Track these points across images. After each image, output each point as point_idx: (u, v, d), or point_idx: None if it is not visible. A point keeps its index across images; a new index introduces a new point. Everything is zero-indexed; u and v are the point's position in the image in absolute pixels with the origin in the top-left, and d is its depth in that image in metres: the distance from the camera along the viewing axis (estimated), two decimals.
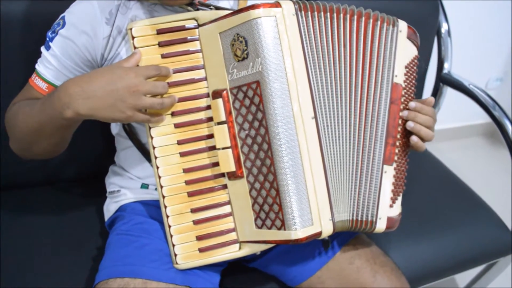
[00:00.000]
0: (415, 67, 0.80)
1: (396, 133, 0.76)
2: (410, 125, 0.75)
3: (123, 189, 0.87)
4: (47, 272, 0.85)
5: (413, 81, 0.80)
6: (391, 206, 0.76)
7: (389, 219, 0.76)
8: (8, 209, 0.98)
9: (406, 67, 0.78)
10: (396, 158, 0.76)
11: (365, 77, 0.73)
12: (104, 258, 0.78)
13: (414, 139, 0.76)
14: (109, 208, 0.89)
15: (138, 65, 0.68)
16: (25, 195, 1.04)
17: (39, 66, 0.76)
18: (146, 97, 0.65)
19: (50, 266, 0.86)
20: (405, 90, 0.77)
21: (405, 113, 0.76)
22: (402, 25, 0.77)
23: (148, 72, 0.66)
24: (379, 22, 0.74)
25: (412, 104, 0.76)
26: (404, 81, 0.77)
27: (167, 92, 0.69)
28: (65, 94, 0.63)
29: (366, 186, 0.74)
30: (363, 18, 0.73)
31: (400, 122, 0.77)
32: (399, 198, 0.78)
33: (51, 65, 0.74)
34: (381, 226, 0.75)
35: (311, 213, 0.67)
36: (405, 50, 0.78)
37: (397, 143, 0.76)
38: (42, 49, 0.75)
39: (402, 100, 0.77)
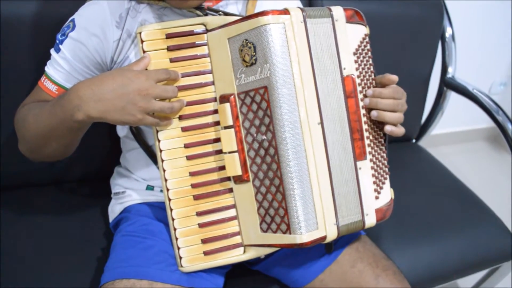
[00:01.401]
0: (367, 47, 0.76)
1: (361, 126, 0.74)
2: (374, 114, 0.74)
3: (128, 191, 0.87)
4: (52, 272, 0.85)
5: (370, 62, 0.76)
6: (376, 198, 0.76)
7: (378, 211, 0.75)
8: (13, 209, 0.98)
9: (355, 53, 0.74)
10: (369, 149, 0.75)
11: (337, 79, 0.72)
12: (109, 259, 0.78)
13: (388, 128, 0.74)
14: (114, 209, 0.89)
15: (147, 69, 0.69)
16: (30, 195, 1.04)
17: (48, 69, 0.76)
18: (156, 101, 0.66)
19: (54, 267, 0.86)
20: (360, 78, 0.74)
21: (366, 102, 0.74)
22: (337, 12, 0.72)
23: (159, 75, 0.67)
24: (316, 19, 0.70)
25: (370, 91, 0.74)
26: (357, 69, 0.74)
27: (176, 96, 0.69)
28: (75, 97, 0.64)
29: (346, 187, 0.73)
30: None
31: (364, 112, 0.75)
32: (385, 186, 0.77)
33: (61, 68, 0.74)
34: (370, 221, 0.74)
35: (316, 218, 0.67)
36: (348, 36, 0.73)
37: (366, 135, 0.75)
38: (52, 51, 0.76)
39: (360, 88, 0.74)
